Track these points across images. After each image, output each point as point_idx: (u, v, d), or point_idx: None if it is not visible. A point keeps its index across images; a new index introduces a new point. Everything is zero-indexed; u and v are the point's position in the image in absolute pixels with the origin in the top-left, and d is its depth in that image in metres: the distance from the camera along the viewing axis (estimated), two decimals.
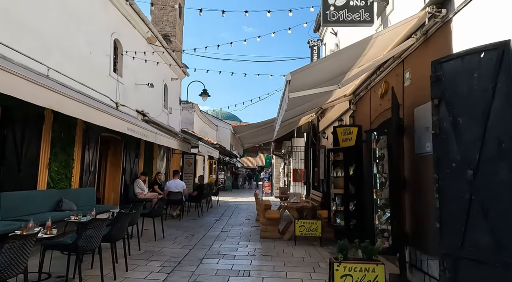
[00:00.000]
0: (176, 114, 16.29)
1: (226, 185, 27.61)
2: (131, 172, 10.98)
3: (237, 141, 9.26)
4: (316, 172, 12.14)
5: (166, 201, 10.54)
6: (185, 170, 16.69)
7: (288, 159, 17.89)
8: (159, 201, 7.41)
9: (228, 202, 17.79)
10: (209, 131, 28.67)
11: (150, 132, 9.09)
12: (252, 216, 11.67)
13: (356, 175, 6.67)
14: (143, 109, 11.76)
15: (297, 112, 7.02)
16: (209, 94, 16.61)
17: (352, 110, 7.65)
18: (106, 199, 10.28)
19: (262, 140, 11.59)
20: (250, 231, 8.83)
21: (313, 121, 13.19)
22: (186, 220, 10.46)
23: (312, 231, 7.15)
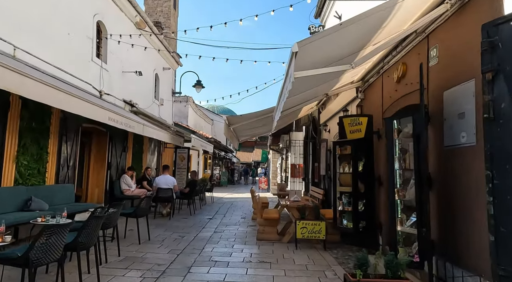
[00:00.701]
0: (168, 106, 15.41)
1: (222, 181, 26.80)
2: (118, 166, 10.12)
3: (232, 133, 8.43)
4: (316, 167, 11.36)
5: (156, 198, 9.72)
6: (178, 165, 15.85)
7: (286, 154, 17.10)
8: (145, 199, 6.59)
9: (223, 198, 16.99)
10: (204, 125, 27.82)
11: (136, 123, 8.23)
12: (248, 214, 10.88)
13: (365, 171, 5.88)
14: (131, 100, 10.87)
15: (299, 100, 6.20)
16: (203, 86, 15.73)
17: (360, 99, 6.84)
18: (90, 196, 9.43)
19: (259, 133, 10.77)
20: (246, 232, 8.03)
21: (313, 114, 12.38)
22: (177, 219, 9.64)
23: (315, 233, 6.37)
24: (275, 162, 21.05)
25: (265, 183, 21.48)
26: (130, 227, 7.25)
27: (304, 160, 14.37)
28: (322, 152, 10.22)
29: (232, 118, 7.38)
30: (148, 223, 7.05)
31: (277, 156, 20.54)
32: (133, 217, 6.53)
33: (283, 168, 17.65)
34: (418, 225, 3.37)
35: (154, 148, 13.37)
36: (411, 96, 4.69)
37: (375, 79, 6.15)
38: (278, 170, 20.16)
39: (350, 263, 5.52)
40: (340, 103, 8.42)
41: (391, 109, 5.46)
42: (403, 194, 3.70)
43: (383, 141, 5.76)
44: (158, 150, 13.92)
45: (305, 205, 6.73)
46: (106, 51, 9.39)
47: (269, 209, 7.92)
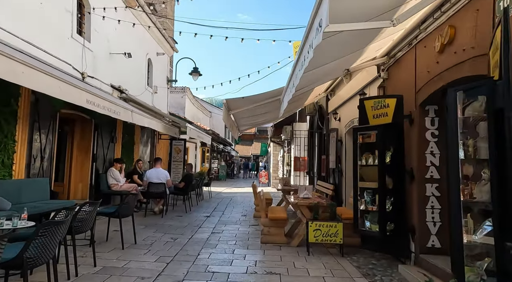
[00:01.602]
0: (163, 95, 14.30)
1: (220, 174, 25.78)
2: (105, 158, 9.05)
3: (232, 121, 7.39)
4: (323, 160, 10.33)
5: (146, 194, 8.68)
6: (174, 158, 14.80)
7: (288, 146, 16.07)
8: (130, 197, 5.55)
9: (221, 193, 15.97)
10: (202, 117, 26.76)
11: (123, 109, 7.15)
12: (249, 211, 9.86)
13: (394, 163, 4.83)
14: (120, 85, 9.77)
15: (314, 78, 5.13)
16: (200, 73, 14.63)
17: (383, 78, 5.78)
18: (73, 192, 8.38)
19: (262, 121, 9.70)
20: (248, 233, 7.01)
21: (320, 102, 11.32)
22: (170, 217, 8.61)
23: (331, 236, 5.35)
24: (276, 155, 20.02)
25: (266, 177, 20.47)
26: (114, 227, 6.23)
27: (309, 152, 13.34)
28: (331, 142, 9.18)
29: (232, 102, 6.30)
30: (135, 223, 6.02)
31: (279, 149, 19.51)
32: (115, 217, 5.48)
33: (285, 161, 16.63)
34: (499, 237, 2.38)
35: (147, 139, 12.30)
36: (463, 67, 3.64)
37: (404, 53, 5.08)
38: (279, 164, 19.15)
39: (377, 274, 4.51)
40: (354, 86, 7.36)
41: (427, 87, 4.41)
42: (468, 192, 2.70)
43: (416, 126, 4.73)
44: (152, 141, 12.85)
45: (319, 203, 5.69)
46: (89, 28, 8.26)
47: (274, 207, 6.90)
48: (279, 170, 18.95)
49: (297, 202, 5.81)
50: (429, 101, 4.58)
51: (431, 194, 4.55)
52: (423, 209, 4.55)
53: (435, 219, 4.52)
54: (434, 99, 4.50)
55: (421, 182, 4.58)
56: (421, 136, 4.63)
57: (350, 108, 7.93)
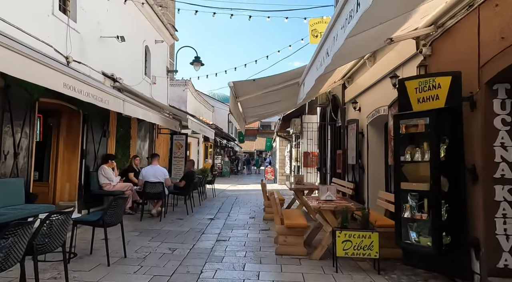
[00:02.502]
0: (163, 87, 13.24)
1: (224, 171, 24.77)
2: (96, 155, 8.02)
3: (239, 112, 6.34)
4: (339, 155, 9.26)
5: (142, 194, 7.65)
6: (175, 154, 13.78)
7: (296, 140, 15.02)
8: (118, 201, 4.51)
9: (225, 191, 14.94)
10: (205, 112, 25.73)
11: (112, 97, 6.10)
12: (258, 212, 8.83)
13: (451, 159, 3.77)
14: (113, 74, 8.73)
15: (351, 50, 4.02)
16: (202, 63, 13.59)
17: (424, 55, 4.69)
18: (59, 193, 7.36)
19: (272, 112, 8.58)
20: (259, 241, 5.97)
21: (333, 92, 10.24)
22: (170, 220, 7.58)
23: (364, 249, 4.30)
24: (283, 150, 18.95)
25: (272, 173, 19.43)
26: (102, 235, 5.22)
27: (320, 147, 12.28)
28: (349, 135, 8.11)
29: (240, 87, 5.16)
30: (129, 229, 5.08)
31: (286, 143, 18.44)
32: (99, 226, 4.45)
33: (293, 157, 15.58)
34: None
35: (145, 133, 11.26)
36: None
37: (460, 19, 3.98)
38: (286, 159, 18.08)
39: None
40: (382, 69, 6.26)
41: (501, 59, 3.32)
42: None
43: (479, 111, 3.65)
44: (151, 136, 11.82)
45: (347, 208, 4.63)
46: (75, 6, 7.19)
47: (289, 210, 5.86)
48: (286, 166, 17.89)
49: (320, 206, 4.75)
50: (499, 79, 3.50)
51: (502, 198, 3.49)
52: (491, 218, 3.49)
53: (508, 231, 3.46)
54: (507, 75, 3.42)
55: (488, 183, 3.52)
56: (488, 124, 3.56)
57: (375, 96, 6.85)
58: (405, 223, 4.05)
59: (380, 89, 6.54)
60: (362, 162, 7.52)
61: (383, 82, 6.34)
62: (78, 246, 5.11)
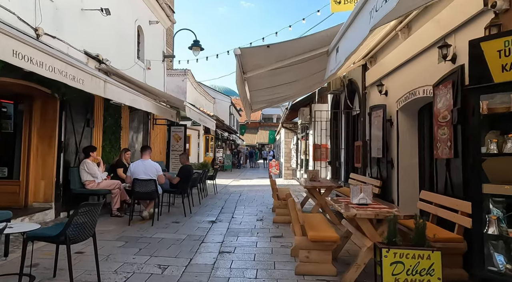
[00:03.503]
0: (158, 73, 12.00)
1: (225, 165, 23.58)
2: (77, 148, 6.83)
3: (245, 92, 5.12)
4: (358, 147, 8.05)
5: (131, 194, 6.46)
6: (173, 146, 12.60)
7: (304, 132, 13.79)
8: (85, 208, 3.31)
9: (228, 186, 13.77)
10: (206, 103, 24.52)
11: (88, 75, 4.86)
12: (265, 213, 7.64)
13: None
14: (98, 54, 7.49)
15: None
16: (202, 47, 12.31)
17: (498, 11, 3.44)
18: (32, 192, 6.17)
19: (285, 96, 7.24)
20: (271, 252, 4.78)
21: (349, 76, 8.99)
22: (164, 223, 6.40)
23: (421, 274, 3.11)
24: (288, 143, 17.73)
25: (277, 167, 18.24)
26: (80, 248, 4.07)
27: (331, 138, 11.05)
28: (374, 124, 6.88)
29: (250, 55, 3.76)
30: (113, 238, 3.91)
31: (291, 135, 17.21)
32: (61, 243, 3.25)
33: (301, 150, 14.36)
34: None
35: (139, 124, 10.05)
36: None
37: None
38: (292, 152, 16.87)
39: None
40: (422, 40, 5.01)
41: None
42: None
43: None
44: (145, 127, 10.61)
45: (394, 216, 3.42)
46: None
47: (310, 215, 4.66)
48: (292, 160, 16.69)
49: (357, 213, 3.55)
50: None
51: None
52: None
53: None
54: None
55: None
56: None
57: (409, 75, 5.62)
58: (487, 242, 2.84)
59: (418, 66, 5.30)
60: (391, 155, 6.31)
61: (423, 57, 5.09)
62: (42, 264, 3.94)
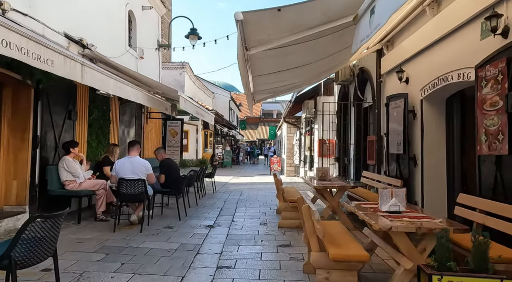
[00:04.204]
0: (153, 64, 11.15)
1: (225, 161, 22.77)
2: (57, 143, 6.01)
3: (247, 77, 4.28)
4: (372, 142, 7.24)
5: (117, 195, 5.64)
6: (169, 142, 11.81)
7: (309, 126, 12.98)
8: (40, 220, 2.50)
9: (227, 184, 12.96)
10: (205, 98, 23.67)
11: (59, 55, 4.01)
12: (269, 215, 6.84)
13: None
14: (82, 38, 6.65)
15: None
16: (199, 36, 11.43)
17: None
18: (2, 194, 5.35)
19: (293, 85, 6.37)
20: (280, 267, 3.97)
21: (360, 64, 8.17)
22: (155, 229, 5.59)
23: None
24: (291, 138, 16.91)
25: (278, 164, 17.45)
26: (47, 263, 3.27)
27: (338, 132, 10.23)
28: (393, 116, 6.06)
29: (255, 23, 2.80)
30: (88, 249, 3.03)
31: (294, 131, 16.39)
32: (2, 268, 2.43)
33: (305, 145, 13.55)
34: None
35: (131, 117, 9.21)
36: None
37: None
38: (295, 148, 16.05)
39: None
40: (458, 14, 4.17)
41: None
42: None
43: None
44: (138, 121, 9.78)
45: (443, 230, 2.60)
46: None
47: (327, 223, 3.84)
48: (295, 156, 15.88)
49: (392, 226, 2.74)
50: None
51: None
52: None
53: None
54: None
55: None
56: None
57: (438, 58, 4.79)
58: None
59: (452, 45, 4.47)
60: (414, 150, 5.50)
61: (460, 34, 4.25)
62: None
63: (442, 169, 5.19)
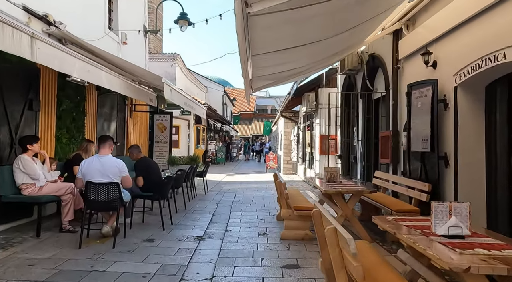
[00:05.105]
0: (138, 52, 10.06)
1: (218, 158, 21.73)
2: (12, 138, 4.94)
3: (246, 56, 3.32)
4: (387, 138, 6.28)
5: (85, 202, 4.59)
6: (156, 138, 10.73)
7: (308, 121, 11.99)
8: None
9: (220, 183, 11.94)
10: (197, 92, 22.59)
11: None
12: (268, 221, 5.86)
13: None
14: (47, 14, 5.55)
15: None
16: (190, 21, 10.36)
17: None
18: None
19: (296, 70, 5.47)
20: None
21: (370, 50, 7.19)
22: (132, 242, 4.56)
23: None
24: (288, 134, 15.93)
25: (274, 161, 16.47)
26: None
27: (342, 127, 9.28)
28: (416, 107, 5.09)
29: None
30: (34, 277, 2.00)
31: (291, 126, 15.40)
32: None
33: (305, 141, 12.58)
34: None
35: (112, 110, 8.14)
36: None
37: None
38: (293, 144, 15.07)
39: None
40: None
41: None
42: None
43: None
44: (121, 114, 8.71)
45: None
46: None
47: (359, 245, 2.86)
48: (293, 152, 14.91)
49: (471, 267, 1.78)
50: None
51: None
52: None
53: None
54: None
55: None
56: None
57: (481, 34, 3.83)
58: None
59: (502, 18, 3.50)
60: (444, 148, 4.55)
61: None
62: None
63: (481, 170, 4.24)
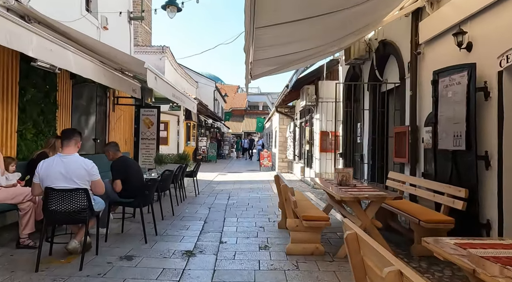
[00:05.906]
0: (122, 39, 9.09)
1: (209, 155, 20.82)
2: None
3: (250, 40, 2.52)
4: (403, 134, 5.50)
5: (45, 214, 3.67)
6: (143, 134, 9.78)
7: (307, 116, 11.17)
8: None
9: (212, 183, 11.07)
10: (188, 88, 21.60)
11: None
12: (268, 229, 5.03)
13: None
14: None
15: None
16: (179, 7, 9.43)
17: None
18: None
19: (301, 56, 4.66)
20: None
21: (381, 36, 6.40)
22: (103, 262, 3.68)
23: None
24: (283, 130, 15.10)
25: (269, 159, 15.65)
26: None
27: (345, 124, 8.49)
28: (446, 97, 4.30)
29: None
30: None
31: (287, 122, 14.58)
32: None
33: (304, 138, 11.77)
34: None
35: (90, 102, 7.19)
36: None
37: None
38: (289, 141, 14.27)
39: None
40: None
41: None
42: None
43: None
44: (102, 108, 7.76)
45: None
46: None
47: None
48: (289, 150, 14.10)
49: None
50: None
51: None
52: None
53: None
54: None
55: None
56: None
57: None
58: None
59: None
60: (485, 146, 3.77)
61: None
62: None
63: None
